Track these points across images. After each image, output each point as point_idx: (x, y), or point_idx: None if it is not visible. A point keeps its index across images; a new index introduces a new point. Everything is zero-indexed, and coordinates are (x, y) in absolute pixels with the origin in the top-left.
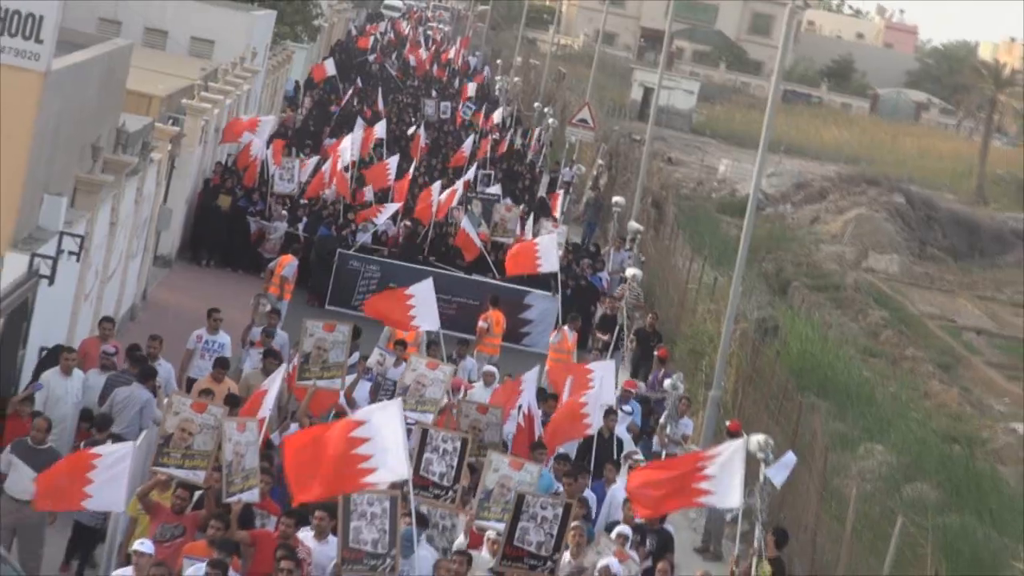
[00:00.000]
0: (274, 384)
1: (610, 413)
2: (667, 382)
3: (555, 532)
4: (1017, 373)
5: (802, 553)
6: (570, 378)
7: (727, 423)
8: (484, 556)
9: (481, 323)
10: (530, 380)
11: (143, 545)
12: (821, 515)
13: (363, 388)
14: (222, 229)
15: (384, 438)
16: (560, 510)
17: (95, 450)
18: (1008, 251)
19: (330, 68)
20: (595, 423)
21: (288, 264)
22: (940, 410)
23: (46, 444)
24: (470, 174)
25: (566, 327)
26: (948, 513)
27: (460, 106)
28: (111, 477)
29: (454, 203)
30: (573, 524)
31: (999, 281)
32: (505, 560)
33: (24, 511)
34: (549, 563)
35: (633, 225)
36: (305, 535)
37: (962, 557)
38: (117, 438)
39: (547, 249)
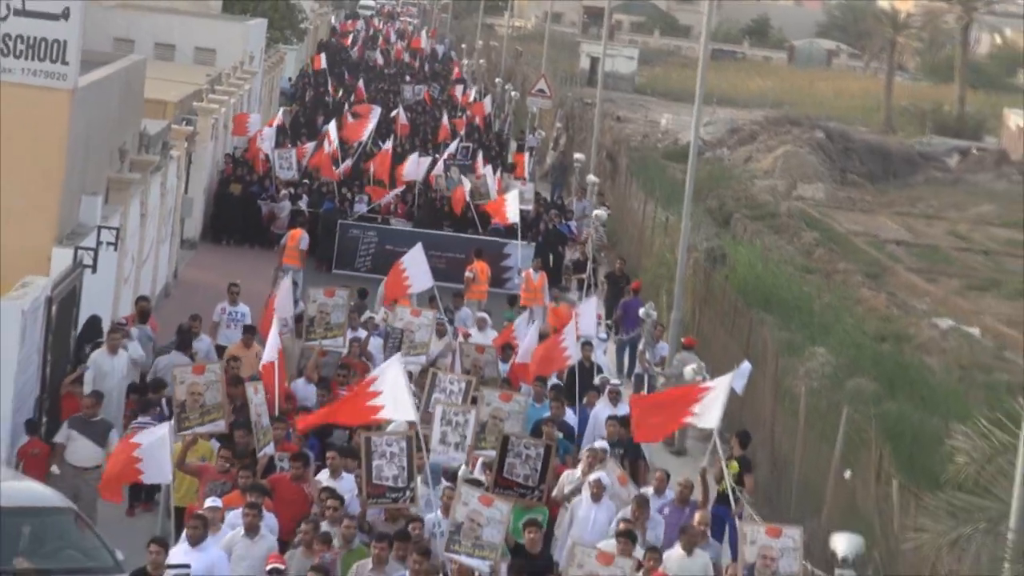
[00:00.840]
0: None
1: (586, 345)
2: (641, 310)
3: (539, 467)
4: (934, 276)
5: (763, 446)
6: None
7: (682, 340)
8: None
9: (468, 273)
10: (520, 324)
11: (214, 501)
12: (777, 412)
13: (375, 341)
14: (236, 213)
15: (392, 387)
16: (542, 449)
17: (135, 439)
18: (917, 172)
19: (323, 61)
20: (574, 355)
21: (301, 237)
22: (871, 314)
23: (98, 416)
24: (452, 147)
25: (530, 269)
26: (886, 402)
27: (428, 87)
28: (156, 456)
29: (437, 171)
30: (589, 447)
31: (911, 198)
32: (497, 488)
33: (84, 477)
34: (536, 492)
35: (591, 178)
36: (321, 476)
37: (902, 439)
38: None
39: (513, 202)
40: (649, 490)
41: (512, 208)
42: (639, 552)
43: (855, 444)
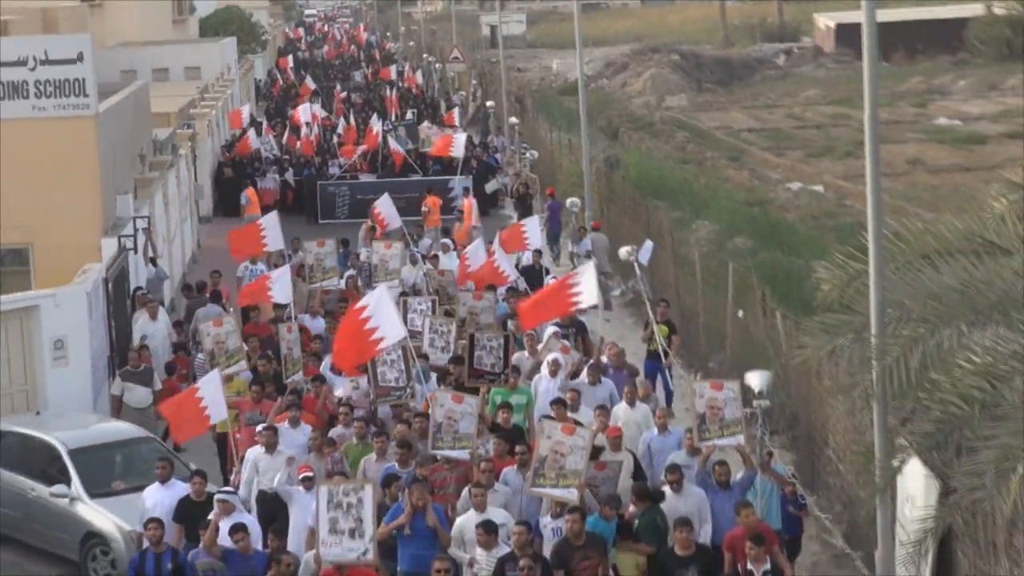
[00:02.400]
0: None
1: (536, 252)
2: (568, 201)
3: (502, 355)
4: (780, 151)
5: (673, 304)
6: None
7: (591, 223)
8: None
9: (424, 208)
10: (477, 243)
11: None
12: (679, 276)
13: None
14: (233, 191)
15: (381, 313)
16: (502, 340)
17: (195, 386)
18: (755, 73)
19: (291, 61)
20: (511, 273)
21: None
22: (738, 187)
23: (142, 367)
24: (409, 115)
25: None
26: (761, 253)
27: (369, 70)
28: (214, 397)
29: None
30: (528, 332)
31: (754, 94)
32: (471, 379)
33: (143, 415)
34: (503, 376)
35: (513, 120)
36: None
37: (778, 280)
38: None
39: (459, 141)
40: (604, 358)
41: (457, 144)
42: (586, 412)
43: (742, 290)
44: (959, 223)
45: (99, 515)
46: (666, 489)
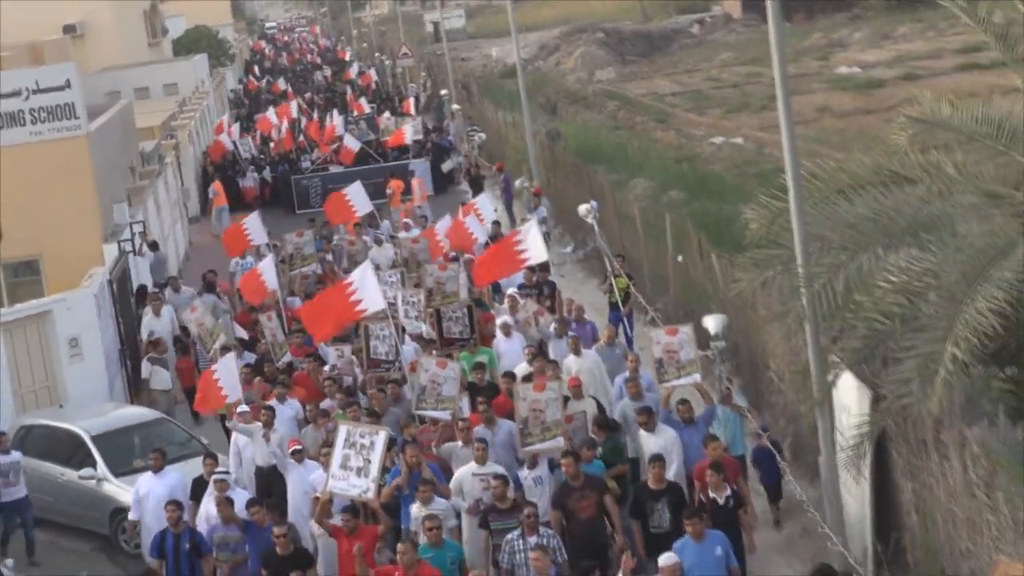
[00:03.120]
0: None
1: (495, 224)
2: (517, 182)
3: (467, 322)
4: (702, 110)
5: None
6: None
7: (531, 188)
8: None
9: (388, 190)
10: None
11: (243, 408)
12: (622, 231)
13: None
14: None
15: (366, 286)
16: (466, 308)
17: (213, 368)
18: (673, 43)
19: (256, 70)
20: (480, 238)
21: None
22: (667, 147)
23: (164, 355)
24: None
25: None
26: (693, 203)
27: (331, 72)
28: (228, 378)
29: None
30: (510, 292)
31: (674, 62)
32: (443, 347)
33: (167, 395)
34: (471, 340)
35: (455, 107)
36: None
37: (710, 226)
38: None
39: (409, 131)
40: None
41: (408, 133)
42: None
43: (680, 237)
44: (867, 159)
45: (124, 492)
46: (640, 430)
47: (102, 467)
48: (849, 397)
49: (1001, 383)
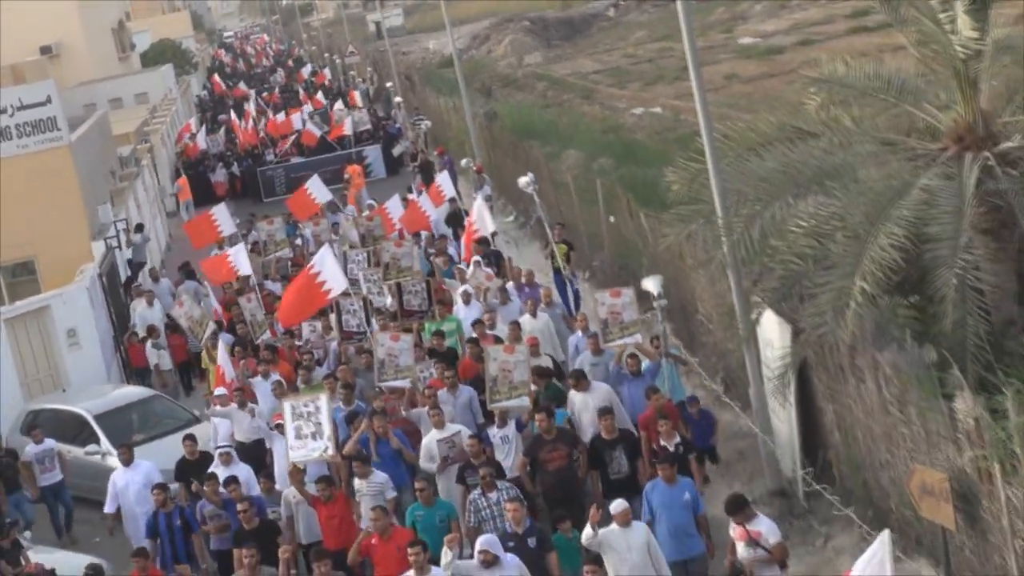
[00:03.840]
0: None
1: (452, 200)
2: (463, 162)
3: (425, 295)
4: (622, 84)
5: (556, 221)
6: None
7: (474, 167)
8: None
9: (346, 176)
10: (394, 198)
11: (220, 391)
12: (558, 197)
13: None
14: (192, 187)
15: (327, 268)
16: (424, 284)
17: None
18: (592, 26)
19: (219, 77)
20: (432, 214)
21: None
22: (594, 119)
23: (162, 340)
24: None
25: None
26: (620, 169)
27: (287, 74)
28: (225, 361)
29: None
30: (459, 266)
31: (594, 43)
32: (404, 319)
33: (172, 376)
34: (430, 311)
35: (397, 99)
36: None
37: (637, 188)
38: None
39: (351, 121)
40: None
41: (348, 125)
42: (503, 327)
43: (610, 200)
44: (773, 119)
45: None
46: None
47: (105, 443)
48: (772, 332)
49: (906, 310)
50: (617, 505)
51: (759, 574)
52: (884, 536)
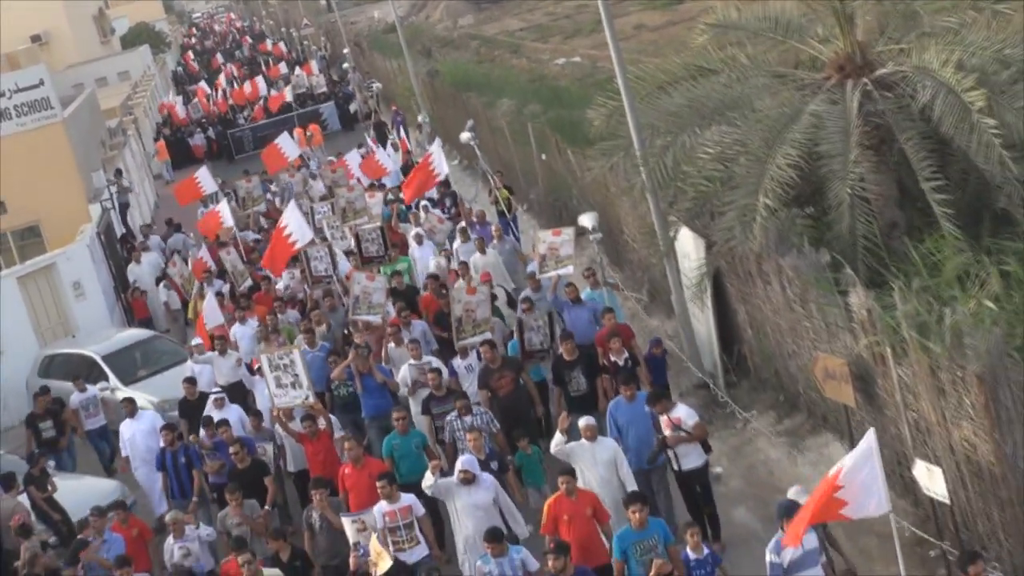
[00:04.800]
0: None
1: (408, 152)
2: (419, 118)
3: (381, 241)
4: (545, 38)
5: (494, 162)
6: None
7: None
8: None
9: (308, 133)
10: (352, 153)
11: (196, 340)
12: (495, 141)
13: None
14: (172, 151)
15: (293, 222)
16: (379, 231)
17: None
18: None
19: (192, 55)
20: (390, 167)
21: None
22: (522, 71)
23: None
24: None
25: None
26: (549, 113)
27: (251, 46)
28: (212, 308)
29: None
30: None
31: (518, 4)
32: (364, 264)
33: (177, 313)
34: (387, 255)
35: (346, 65)
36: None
37: (564, 128)
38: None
39: (288, 93)
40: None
41: (288, 93)
42: (455, 262)
43: (541, 140)
44: (678, 60)
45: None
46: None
47: (113, 379)
48: (688, 246)
49: (803, 220)
50: (584, 421)
51: (683, 453)
52: (870, 434)
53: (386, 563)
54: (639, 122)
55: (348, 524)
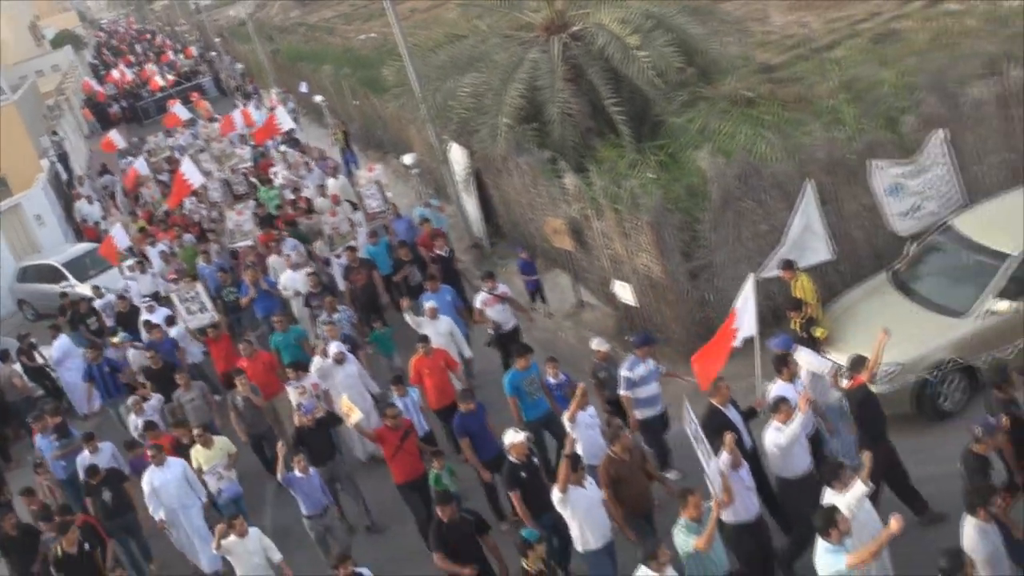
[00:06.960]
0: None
1: (272, 110)
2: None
3: (247, 181)
4: (350, 22)
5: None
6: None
7: (282, 90)
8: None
9: (198, 100)
10: (236, 111)
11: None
12: (324, 95)
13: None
14: (97, 117)
15: (187, 170)
16: (243, 174)
17: (112, 235)
18: None
19: (105, 51)
20: (286, 126)
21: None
22: (337, 47)
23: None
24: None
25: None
26: (359, 73)
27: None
28: (120, 237)
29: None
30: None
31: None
32: (235, 202)
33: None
34: (256, 191)
35: (238, 66)
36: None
37: (369, 83)
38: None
39: (163, 76)
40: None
41: (163, 76)
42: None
43: (355, 93)
44: (441, 31)
45: (85, 288)
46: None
47: (71, 279)
48: (457, 155)
49: (531, 132)
50: (425, 300)
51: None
52: (750, 279)
53: (357, 415)
54: (418, 74)
55: (292, 390)
